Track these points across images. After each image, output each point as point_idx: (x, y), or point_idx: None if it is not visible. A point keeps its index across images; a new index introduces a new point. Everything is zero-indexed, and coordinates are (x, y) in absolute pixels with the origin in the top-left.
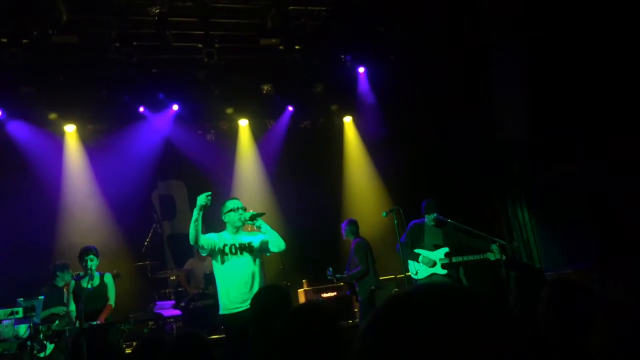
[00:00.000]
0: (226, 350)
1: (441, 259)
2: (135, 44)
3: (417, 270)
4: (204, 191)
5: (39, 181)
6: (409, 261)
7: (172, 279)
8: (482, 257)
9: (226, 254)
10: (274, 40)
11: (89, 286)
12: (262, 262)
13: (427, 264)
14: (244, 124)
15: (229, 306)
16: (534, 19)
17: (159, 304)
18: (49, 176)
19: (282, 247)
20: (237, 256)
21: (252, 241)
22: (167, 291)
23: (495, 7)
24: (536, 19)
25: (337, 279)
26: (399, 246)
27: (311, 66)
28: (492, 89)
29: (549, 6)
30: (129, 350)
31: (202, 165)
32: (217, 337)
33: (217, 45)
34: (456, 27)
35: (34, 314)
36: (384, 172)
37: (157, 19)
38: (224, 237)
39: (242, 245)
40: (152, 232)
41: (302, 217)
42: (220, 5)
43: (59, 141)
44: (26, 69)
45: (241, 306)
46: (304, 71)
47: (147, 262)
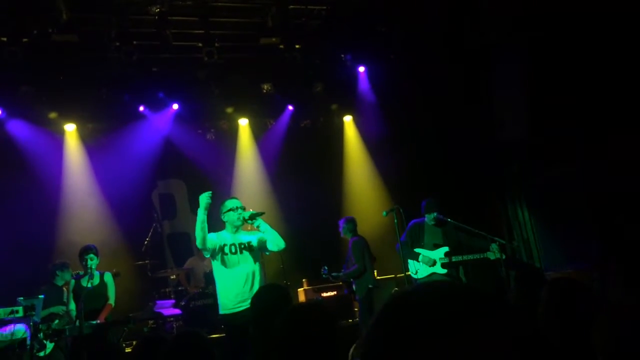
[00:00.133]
0: (226, 349)
1: (441, 258)
2: (135, 43)
3: (417, 269)
4: (204, 190)
5: (39, 180)
6: (409, 260)
7: (172, 278)
8: (482, 257)
9: (226, 253)
10: (274, 39)
11: (89, 285)
12: (262, 262)
13: (427, 263)
14: (244, 123)
15: (229, 306)
16: (534, 19)
17: (159, 303)
18: (49, 175)
19: (282, 247)
20: (237, 256)
21: (251, 240)
22: (167, 290)
23: (495, 7)
24: (536, 19)
25: (332, 277)
26: (398, 245)
27: (311, 65)
28: (492, 88)
29: (549, 6)
30: (129, 349)
31: (202, 164)
32: (217, 336)
33: (217, 44)
34: (456, 27)
35: (33, 313)
36: (383, 172)
37: (157, 18)
38: (223, 236)
39: (242, 244)
40: (152, 231)
41: (302, 217)
42: (220, 4)
43: (59, 140)
44: (26, 68)
45: (241, 306)
46: (304, 70)
47: (147, 261)
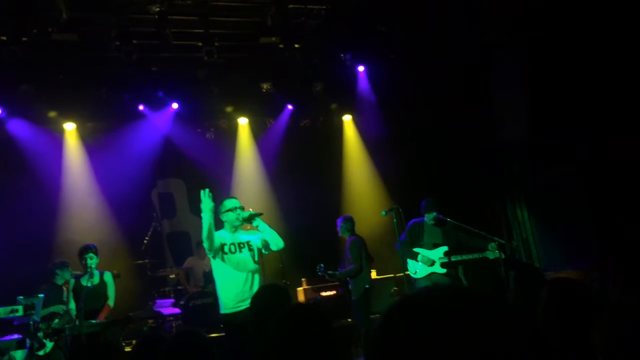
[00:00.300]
0: (225, 348)
1: (440, 258)
2: (135, 42)
3: (416, 269)
4: (203, 189)
5: (39, 179)
6: (408, 260)
7: (171, 277)
8: (481, 256)
9: (225, 253)
10: (274, 38)
11: (89, 284)
12: (261, 261)
13: (426, 263)
14: (243, 122)
15: (229, 305)
16: (534, 19)
17: (158, 302)
18: (49, 174)
19: (281, 246)
20: (237, 255)
21: (250, 240)
22: (166, 289)
23: (495, 7)
24: (536, 19)
25: (328, 275)
26: (398, 245)
27: (311, 65)
28: (492, 88)
29: (549, 6)
30: (129, 348)
31: (201, 163)
32: (216, 335)
33: (216, 43)
34: (456, 27)
35: (33, 312)
36: (383, 171)
37: (156, 17)
38: (222, 236)
39: (241, 244)
40: (151, 230)
41: (301, 216)
42: (220, 3)
43: (58, 139)
44: (26, 67)
45: (241, 305)
46: (304, 70)
47: (146, 260)
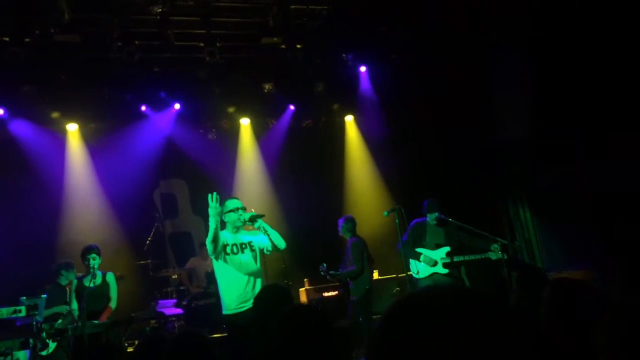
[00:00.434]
0: (227, 349)
1: (442, 258)
2: (137, 42)
3: (419, 269)
4: (205, 190)
5: (41, 180)
6: (411, 260)
7: (174, 277)
8: (483, 257)
9: (227, 253)
10: (276, 39)
11: (91, 285)
12: (263, 261)
13: (428, 263)
14: (245, 122)
15: (232, 306)
16: (534, 19)
17: (160, 302)
18: (51, 175)
19: (283, 247)
20: (239, 256)
21: (252, 240)
22: (169, 290)
23: (495, 7)
24: (536, 19)
25: (330, 275)
26: (400, 245)
27: (313, 65)
28: (492, 89)
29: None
30: (131, 349)
31: (203, 164)
32: (218, 335)
33: (218, 44)
34: (457, 27)
35: (36, 312)
36: (385, 172)
37: (158, 18)
38: (224, 236)
39: (243, 244)
40: (154, 230)
41: (303, 216)
42: (221, 4)
43: (61, 140)
44: (28, 68)
45: (244, 306)
46: (306, 70)
47: (149, 261)
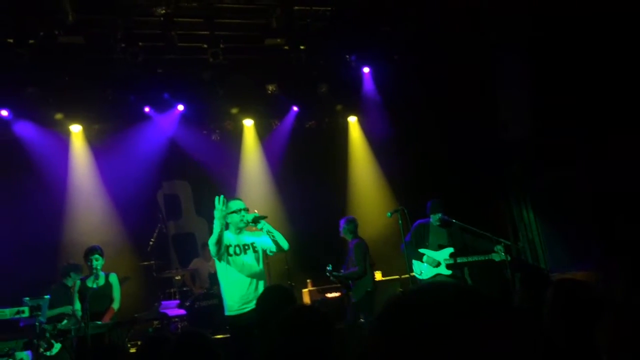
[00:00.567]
0: (230, 349)
1: (446, 259)
2: (140, 44)
3: (422, 270)
4: (209, 191)
5: (45, 181)
6: (414, 261)
7: (177, 278)
8: (487, 258)
9: (230, 254)
10: (279, 40)
11: (94, 286)
12: (266, 262)
13: (431, 264)
14: (249, 124)
15: (234, 307)
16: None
17: (164, 303)
18: (55, 176)
19: (286, 248)
20: (241, 257)
21: (255, 242)
22: (172, 291)
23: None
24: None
25: (334, 276)
26: (403, 246)
27: (316, 66)
28: (494, 89)
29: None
30: (134, 349)
31: (207, 165)
32: (221, 336)
33: (222, 45)
34: (459, 27)
35: (39, 313)
36: (388, 172)
37: (162, 19)
38: (227, 237)
39: (246, 245)
40: (157, 231)
41: (306, 217)
42: (225, 5)
43: (64, 141)
44: (32, 69)
45: (246, 307)
46: (309, 71)
47: (152, 262)
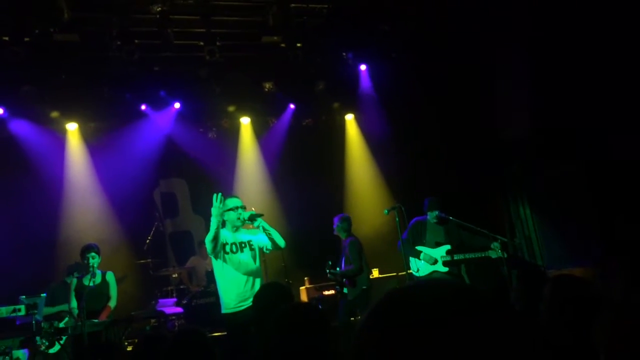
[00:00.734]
0: (226, 347)
1: (442, 257)
2: (136, 42)
3: (419, 267)
4: (206, 189)
5: (41, 179)
6: (410, 258)
7: (174, 276)
8: (483, 255)
9: (227, 252)
10: (276, 37)
11: (91, 284)
12: (263, 260)
13: (428, 261)
14: (245, 121)
15: (230, 305)
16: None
17: (161, 301)
18: (51, 174)
19: (282, 246)
20: (238, 255)
21: (252, 239)
22: (169, 289)
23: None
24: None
25: (330, 273)
26: (400, 243)
27: (313, 64)
28: (493, 87)
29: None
30: (131, 348)
31: (203, 163)
32: (219, 334)
33: (218, 43)
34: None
35: (36, 311)
36: (385, 170)
37: (158, 17)
38: (223, 235)
39: (242, 243)
40: (154, 229)
41: (303, 215)
42: (221, 3)
43: (60, 139)
44: (28, 67)
45: (243, 305)
46: (306, 69)
47: (149, 260)
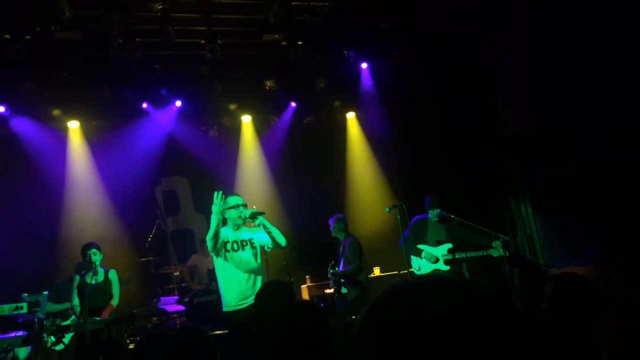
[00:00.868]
0: (227, 345)
1: (444, 255)
2: (138, 40)
3: (420, 265)
4: (207, 187)
5: (43, 177)
6: (412, 257)
7: (175, 274)
8: (485, 254)
9: (228, 250)
10: (277, 35)
11: (93, 282)
12: (264, 258)
13: (429, 259)
14: (247, 120)
15: (232, 303)
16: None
17: (162, 299)
18: (53, 172)
19: (283, 244)
20: (239, 253)
21: (253, 237)
22: (170, 287)
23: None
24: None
25: (330, 273)
26: (401, 241)
27: (314, 62)
28: (494, 85)
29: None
30: (133, 345)
31: (205, 161)
32: (220, 332)
33: (219, 41)
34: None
35: (38, 309)
36: (387, 168)
37: (159, 15)
38: (224, 233)
39: (243, 241)
40: (155, 227)
41: (305, 213)
42: (222, 1)
43: (62, 137)
44: (29, 65)
45: (244, 303)
46: (307, 67)
47: (150, 258)
